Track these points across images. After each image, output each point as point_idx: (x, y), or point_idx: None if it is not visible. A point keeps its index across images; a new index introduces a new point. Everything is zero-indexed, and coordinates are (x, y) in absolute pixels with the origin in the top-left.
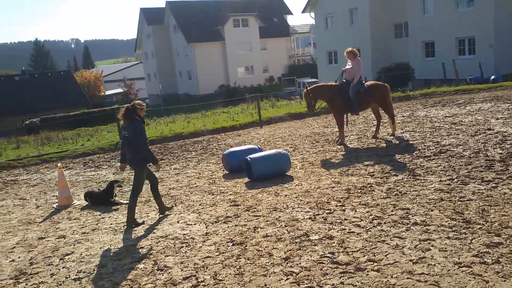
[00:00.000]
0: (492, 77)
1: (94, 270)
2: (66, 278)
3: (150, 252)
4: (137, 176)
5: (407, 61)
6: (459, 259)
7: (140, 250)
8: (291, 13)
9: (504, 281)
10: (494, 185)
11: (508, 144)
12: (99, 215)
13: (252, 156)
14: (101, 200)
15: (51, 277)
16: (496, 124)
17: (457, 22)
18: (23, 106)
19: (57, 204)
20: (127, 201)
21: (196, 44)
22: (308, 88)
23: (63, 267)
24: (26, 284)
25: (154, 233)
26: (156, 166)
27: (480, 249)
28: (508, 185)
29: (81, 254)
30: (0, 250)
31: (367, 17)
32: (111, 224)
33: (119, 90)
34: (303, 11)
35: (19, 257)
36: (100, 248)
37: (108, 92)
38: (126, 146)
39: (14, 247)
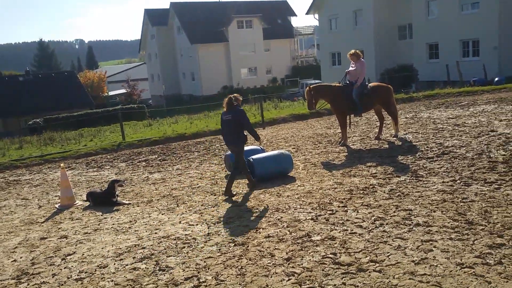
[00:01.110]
0: (496, 79)
1: (95, 270)
2: (68, 278)
3: (152, 252)
4: (238, 155)
5: (411, 62)
6: (461, 260)
7: (142, 251)
8: (295, 15)
9: (507, 282)
10: (496, 186)
11: (511, 146)
12: (101, 215)
13: (254, 156)
14: (103, 200)
15: (53, 277)
16: (499, 125)
17: (462, 24)
18: (27, 106)
19: (59, 204)
20: (129, 202)
21: (199, 45)
22: (311, 86)
23: (65, 267)
24: (28, 284)
25: (156, 233)
26: (259, 142)
27: (482, 250)
28: (511, 186)
29: (83, 254)
30: (2, 250)
31: (371, 19)
32: (113, 224)
33: (123, 90)
34: (307, 13)
35: (21, 257)
36: (102, 248)
37: (112, 93)
38: (226, 130)
39: (16, 247)
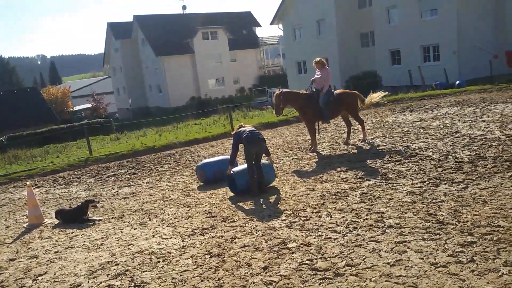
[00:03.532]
0: (457, 82)
1: None
2: None
3: (126, 268)
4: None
5: (374, 69)
6: (435, 259)
7: (116, 267)
8: (259, 25)
9: (479, 278)
10: (464, 186)
11: (476, 146)
12: (72, 233)
13: (235, 169)
14: (73, 218)
15: None
16: (463, 127)
17: (422, 30)
18: None
19: (27, 223)
20: (100, 218)
21: (165, 57)
22: (280, 91)
23: None
24: None
25: (129, 249)
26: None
27: (454, 248)
28: (477, 185)
29: (55, 274)
30: None
31: (334, 28)
32: (84, 241)
33: (88, 105)
34: (271, 23)
35: None
36: (74, 266)
37: (77, 108)
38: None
39: None
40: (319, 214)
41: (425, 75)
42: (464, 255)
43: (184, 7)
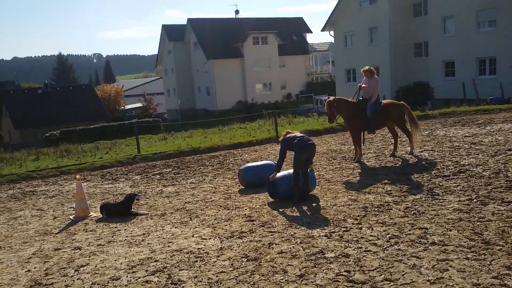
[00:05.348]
0: None
1: (108, 282)
2: None
3: (165, 265)
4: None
5: (426, 80)
6: (477, 280)
7: (155, 263)
8: (310, 31)
9: None
10: None
11: None
12: (115, 227)
13: (277, 176)
14: (118, 211)
15: None
16: None
17: (478, 42)
18: (45, 118)
19: (74, 215)
20: (147, 212)
21: (215, 60)
22: (333, 98)
23: (77, 279)
24: None
25: (169, 246)
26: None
27: (500, 270)
28: None
29: (96, 266)
30: (17, 260)
31: (387, 36)
32: (127, 236)
33: (139, 104)
34: (323, 30)
35: (35, 268)
36: (115, 260)
37: (128, 106)
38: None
39: (30, 257)
40: (360, 225)
41: (479, 89)
42: (510, 278)
43: (237, 12)
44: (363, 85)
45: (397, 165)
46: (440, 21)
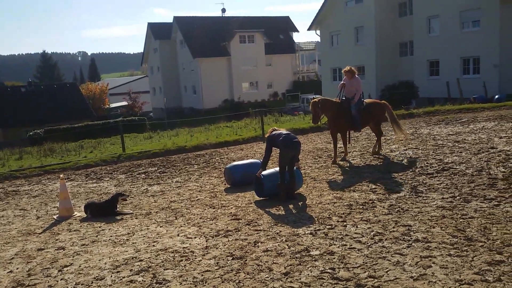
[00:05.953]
0: (496, 96)
1: (92, 283)
2: None
3: (149, 265)
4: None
5: (411, 79)
6: (460, 276)
7: (139, 263)
8: (297, 31)
9: None
10: (496, 203)
11: (511, 163)
12: (99, 227)
13: (264, 173)
14: (103, 211)
15: None
16: (499, 142)
17: (462, 42)
18: (28, 117)
19: (57, 215)
20: (131, 211)
21: (201, 59)
22: (317, 99)
23: (61, 279)
24: None
25: (153, 246)
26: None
27: (481, 266)
28: (510, 203)
29: (80, 266)
30: None
31: (373, 36)
32: (111, 236)
33: (124, 103)
34: (309, 29)
35: (17, 268)
36: (99, 260)
37: (113, 105)
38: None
39: (12, 258)
40: (345, 223)
41: (463, 87)
42: (491, 274)
43: (223, 10)
44: (344, 82)
45: (381, 164)
46: (425, 21)
